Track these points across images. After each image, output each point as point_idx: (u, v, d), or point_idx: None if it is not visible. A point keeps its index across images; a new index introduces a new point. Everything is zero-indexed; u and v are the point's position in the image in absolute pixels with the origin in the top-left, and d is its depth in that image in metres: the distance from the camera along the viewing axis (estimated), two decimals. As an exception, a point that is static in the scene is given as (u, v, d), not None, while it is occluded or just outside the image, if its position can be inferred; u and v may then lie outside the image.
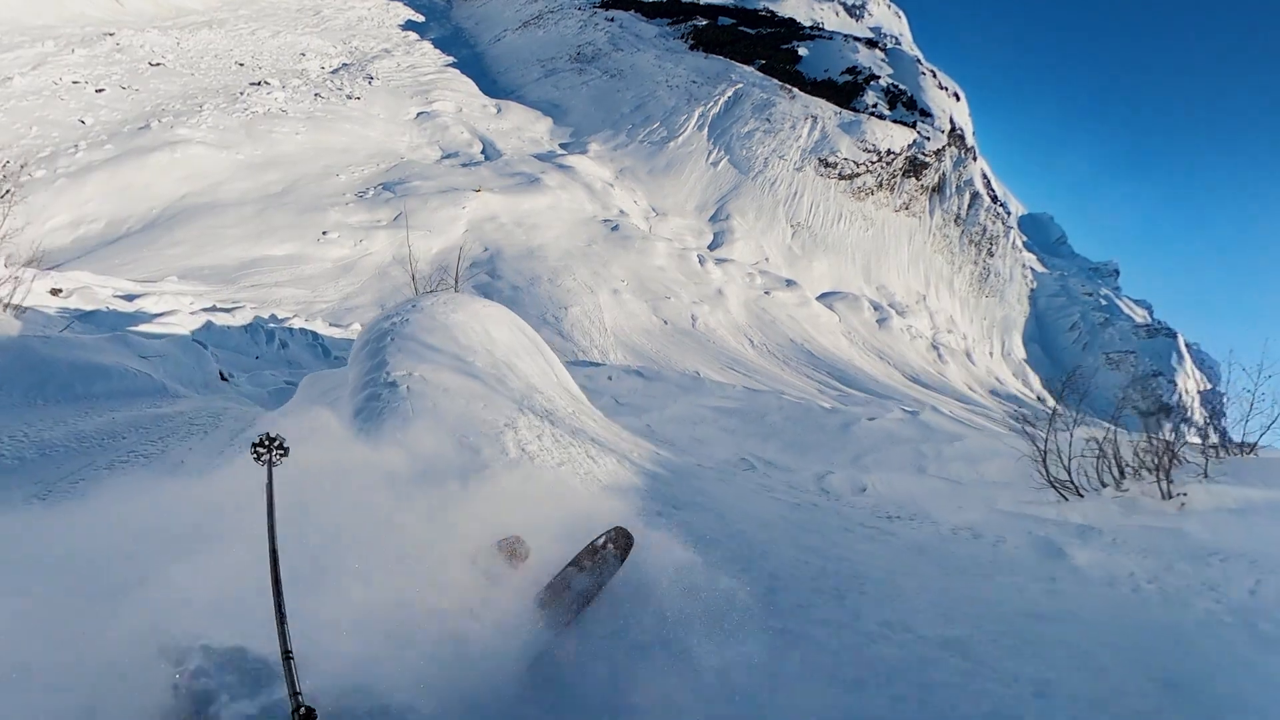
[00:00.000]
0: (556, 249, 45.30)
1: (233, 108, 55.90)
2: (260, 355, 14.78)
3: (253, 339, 14.95)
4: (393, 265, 39.26)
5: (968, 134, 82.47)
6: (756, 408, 10.40)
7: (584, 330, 35.58)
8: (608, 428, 6.70)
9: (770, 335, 49.04)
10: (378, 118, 60.53)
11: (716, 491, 5.04)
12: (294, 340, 17.26)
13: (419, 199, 46.21)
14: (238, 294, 30.65)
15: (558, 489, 4.56)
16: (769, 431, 9.01)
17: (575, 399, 7.36)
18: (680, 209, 62.29)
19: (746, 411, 10.16)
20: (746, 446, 8.42)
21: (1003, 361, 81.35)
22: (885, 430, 8.43)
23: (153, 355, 5.91)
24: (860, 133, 72.52)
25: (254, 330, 15.52)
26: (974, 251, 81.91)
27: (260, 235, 40.30)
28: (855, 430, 8.72)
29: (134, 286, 24.48)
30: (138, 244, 38.49)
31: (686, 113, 69.79)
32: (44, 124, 50.98)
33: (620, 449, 5.71)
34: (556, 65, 78.06)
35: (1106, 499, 5.25)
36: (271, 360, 14.71)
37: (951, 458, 7.08)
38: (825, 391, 42.43)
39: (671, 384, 13.99)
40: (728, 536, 4.34)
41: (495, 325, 7.20)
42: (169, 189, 44.74)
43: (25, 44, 60.09)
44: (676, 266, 50.37)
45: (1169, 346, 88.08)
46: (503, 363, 6.41)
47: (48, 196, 42.53)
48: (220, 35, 73.55)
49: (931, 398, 54.82)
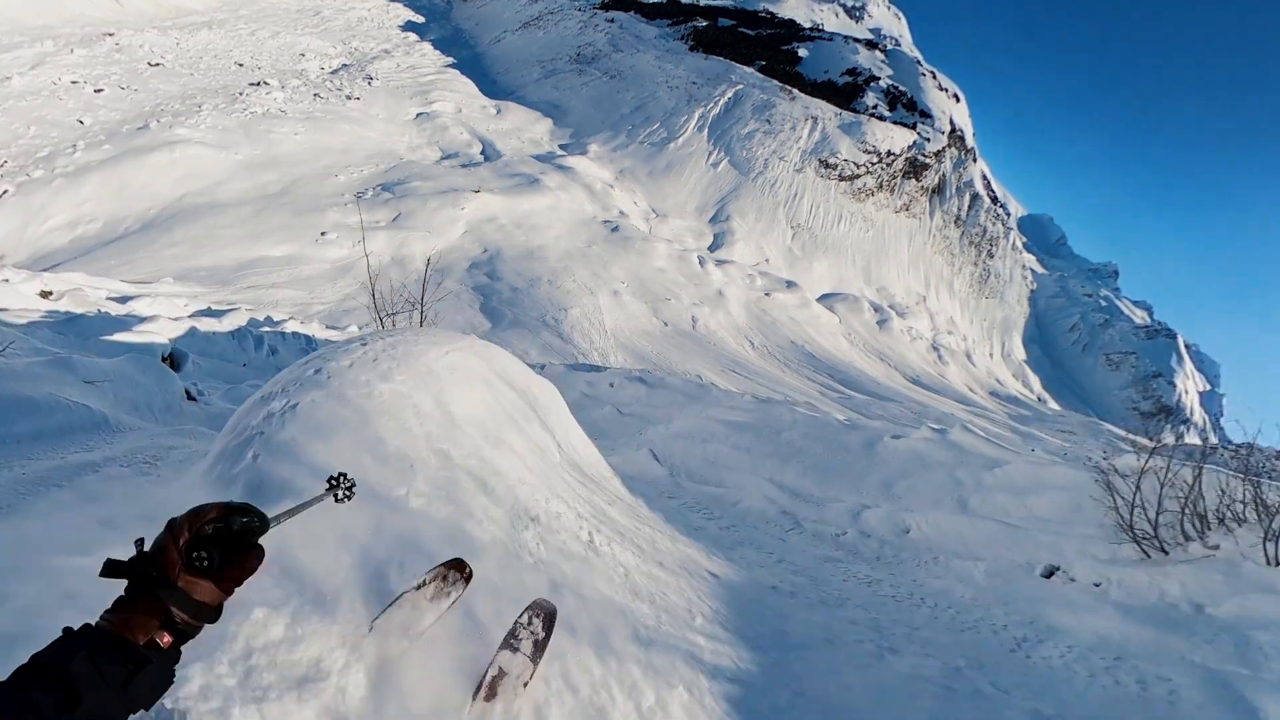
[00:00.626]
0: (556, 250, 44.55)
1: (231, 108, 55.13)
2: (247, 363, 14.00)
3: (240, 345, 14.15)
4: (391, 266, 38.51)
5: (968, 135, 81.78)
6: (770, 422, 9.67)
7: (584, 332, 34.81)
8: (646, 540, 4.35)
9: (771, 337, 48.31)
10: (377, 118, 59.76)
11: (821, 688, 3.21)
12: (285, 345, 16.45)
13: (418, 199, 45.44)
14: (234, 295, 29.88)
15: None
16: (788, 451, 8.25)
17: (590, 485, 4.86)
18: (680, 210, 61.54)
19: (760, 427, 9.42)
20: (765, 470, 7.67)
21: (1003, 362, 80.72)
22: (914, 452, 7.70)
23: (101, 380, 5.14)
24: (860, 134, 71.80)
25: (241, 336, 14.71)
26: (974, 253, 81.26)
27: (258, 236, 39.55)
28: (881, 451, 7.98)
29: (128, 288, 23.74)
30: (135, 244, 37.75)
31: (686, 114, 69.03)
32: (42, 124, 50.26)
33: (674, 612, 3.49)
34: (556, 66, 77.31)
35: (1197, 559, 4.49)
36: (259, 368, 13.92)
37: (993, 488, 6.33)
38: (827, 394, 41.71)
39: (676, 392, 13.23)
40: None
41: (460, 390, 4.34)
42: (167, 189, 44.03)
43: (24, 44, 59.39)
44: (677, 268, 49.63)
45: (1169, 347, 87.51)
46: (467, 469, 3.70)
47: (46, 196, 41.85)
48: (220, 35, 72.80)
49: (933, 399, 54.17)
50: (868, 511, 5.92)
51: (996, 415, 53.91)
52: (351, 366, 4.07)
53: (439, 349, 4.68)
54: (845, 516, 5.86)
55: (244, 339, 14.41)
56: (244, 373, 12.79)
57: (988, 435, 8.40)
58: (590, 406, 12.32)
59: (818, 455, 8.06)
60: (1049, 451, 17.98)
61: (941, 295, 76.33)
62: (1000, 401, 69.35)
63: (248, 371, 13.05)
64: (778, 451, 8.30)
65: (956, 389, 64.49)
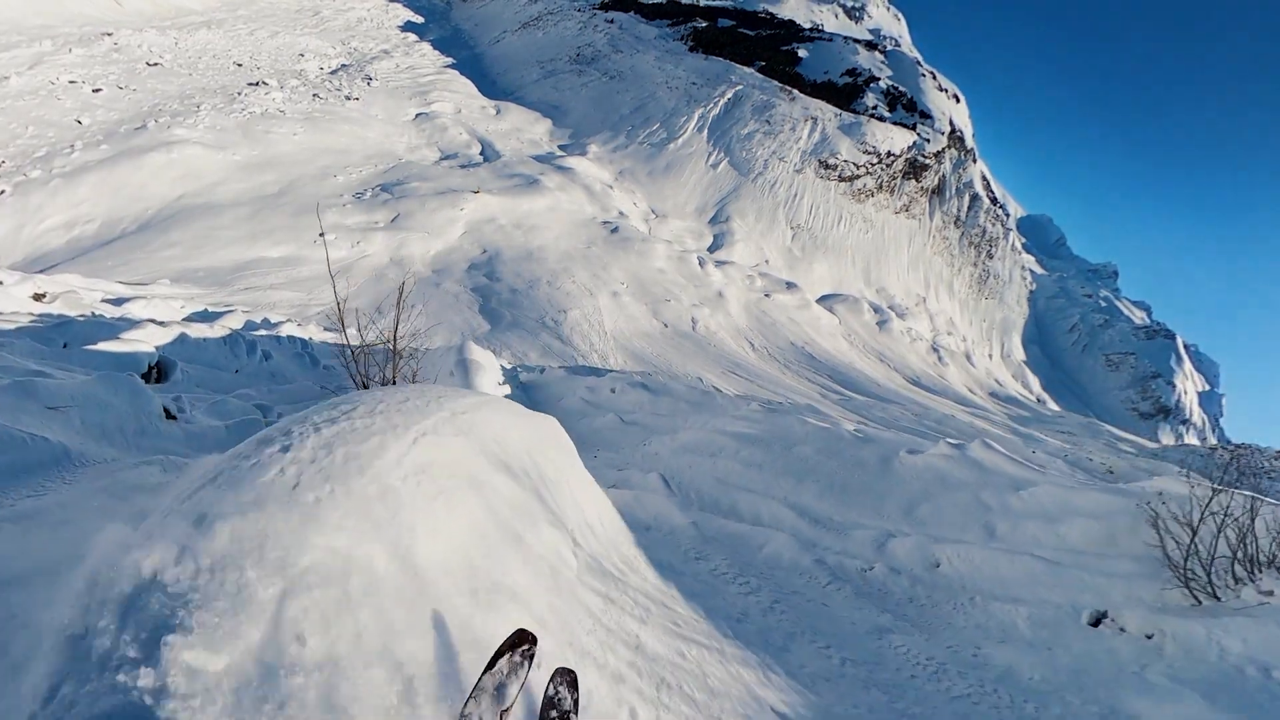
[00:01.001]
0: (556, 251, 44.10)
1: (230, 108, 54.66)
2: (240, 369, 13.55)
3: (232, 351, 13.70)
4: (390, 267, 38.08)
5: (967, 136, 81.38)
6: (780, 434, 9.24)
7: (583, 334, 34.36)
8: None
9: (771, 338, 47.90)
10: (376, 118, 59.28)
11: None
12: (279, 349, 16.01)
13: (417, 200, 44.98)
14: (232, 296, 29.45)
15: None
16: (802, 468, 7.83)
17: (616, 596, 3.76)
18: (680, 211, 61.09)
19: (770, 440, 9.00)
20: (780, 489, 7.27)
21: (1002, 363, 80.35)
22: (934, 470, 7.28)
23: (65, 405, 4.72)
24: (860, 134, 71.38)
25: (233, 342, 14.26)
26: (973, 253, 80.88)
27: (255, 237, 39.11)
28: (898, 469, 7.57)
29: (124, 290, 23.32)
30: (131, 245, 37.33)
31: (686, 114, 68.56)
32: (40, 124, 49.80)
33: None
34: (556, 67, 76.83)
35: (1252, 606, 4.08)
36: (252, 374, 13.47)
37: (1023, 514, 5.91)
38: (828, 396, 41.32)
39: (680, 399, 12.79)
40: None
41: (433, 514, 2.81)
42: (164, 189, 43.63)
43: (23, 44, 58.92)
44: (676, 269, 49.20)
45: (1168, 348, 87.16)
46: (443, 672, 2.31)
47: (43, 197, 41.44)
48: (218, 35, 72.27)
49: (933, 400, 53.81)
50: (894, 541, 5.50)
51: (996, 416, 53.59)
52: (260, 509, 2.35)
53: (402, 441, 3.01)
54: (870, 547, 5.45)
55: (236, 345, 13.96)
56: (235, 380, 12.36)
57: (1008, 452, 7.96)
58: (592, 414, 11.90)
59: (833, 473, 7.65)
60: (1049, 453, 17.61)
61: (941, 296, 75.95)
62: (1000, 402, 68.97)
63: (240, 379, 12.61)
64: (791, 469, 7.88)
65: (956, 390, 64.12)
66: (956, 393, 63.34)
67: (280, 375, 14.67)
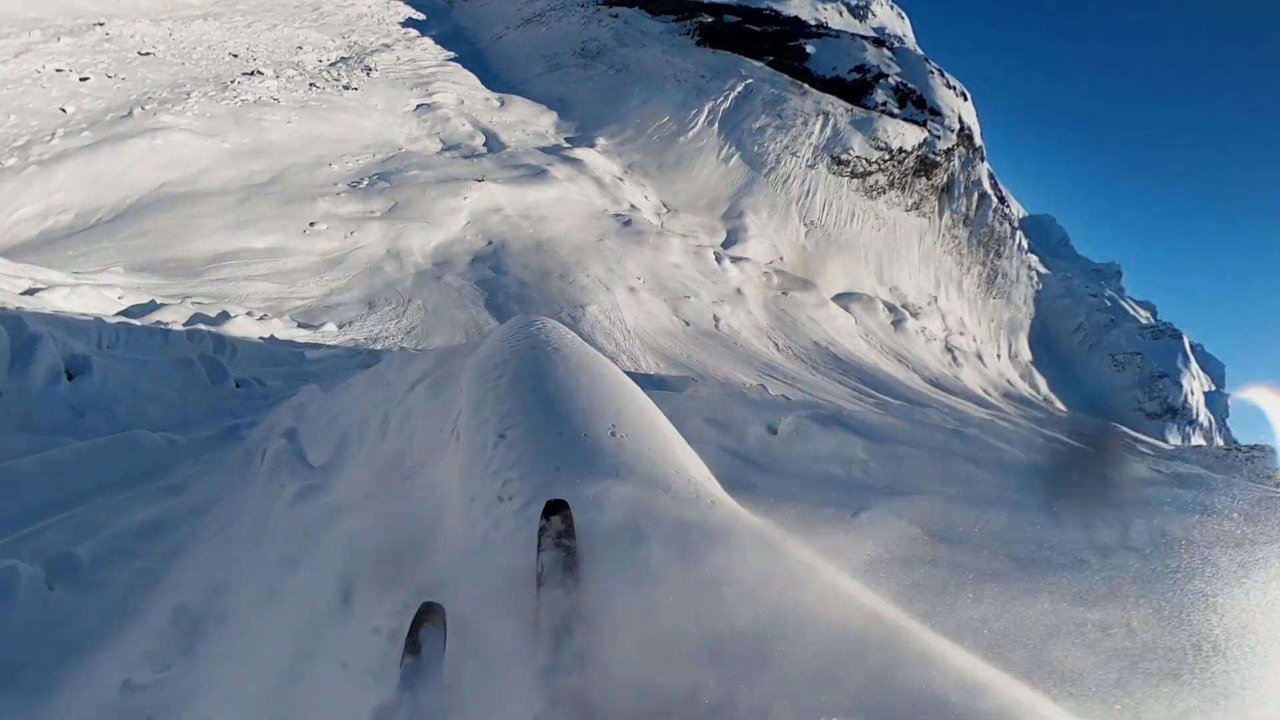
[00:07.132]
0: (567, 243, 39.25)
1: (222, 96, 49.61)
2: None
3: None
4: (386, 259, 33.21)
5: (975, 134, 76.96)
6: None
7: (605, 332, 29.52)
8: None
9: (794, 338, 43.23)
10: (375, 108, 54.25)
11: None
12: (149, 350, 9.93)
13: (417, 189, 40.07)
14: (197, 289, 24.51)
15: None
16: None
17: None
18: (692, 205, 56.33)
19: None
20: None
21: (1010, 364, 75.96)
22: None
23: None
24: (872, 130, 66.78)
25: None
26: (982, 252, 76.50)
27: (239, 226, 34.19)
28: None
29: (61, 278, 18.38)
30: (100, 235, 32.40)
31: (696, 107, 63.75)
32: (23, 112, 44.43)
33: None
34: (560, 60, 71.93)
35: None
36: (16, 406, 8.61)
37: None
38: (860, 398, 36.76)
39: (920, 446, 6.83)
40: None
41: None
42: (146, 177, 38.60)
43: (12, 34, 53.57)
44: (693, 264, 44.46)
45: (1174, 348, 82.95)
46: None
47: (16, 186, 36.32)
48: (215, 27, 67.04)
49: (954, 401, 49.37)
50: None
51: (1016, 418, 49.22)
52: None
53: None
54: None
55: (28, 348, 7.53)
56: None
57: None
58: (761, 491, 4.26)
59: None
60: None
61: (951, 295, 71.53)
62: (1014, 403, 64.63)
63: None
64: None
65: (973, 391, 59.76)
66: (973, 394, 58.94)
67: (100, 408, 6.22)
